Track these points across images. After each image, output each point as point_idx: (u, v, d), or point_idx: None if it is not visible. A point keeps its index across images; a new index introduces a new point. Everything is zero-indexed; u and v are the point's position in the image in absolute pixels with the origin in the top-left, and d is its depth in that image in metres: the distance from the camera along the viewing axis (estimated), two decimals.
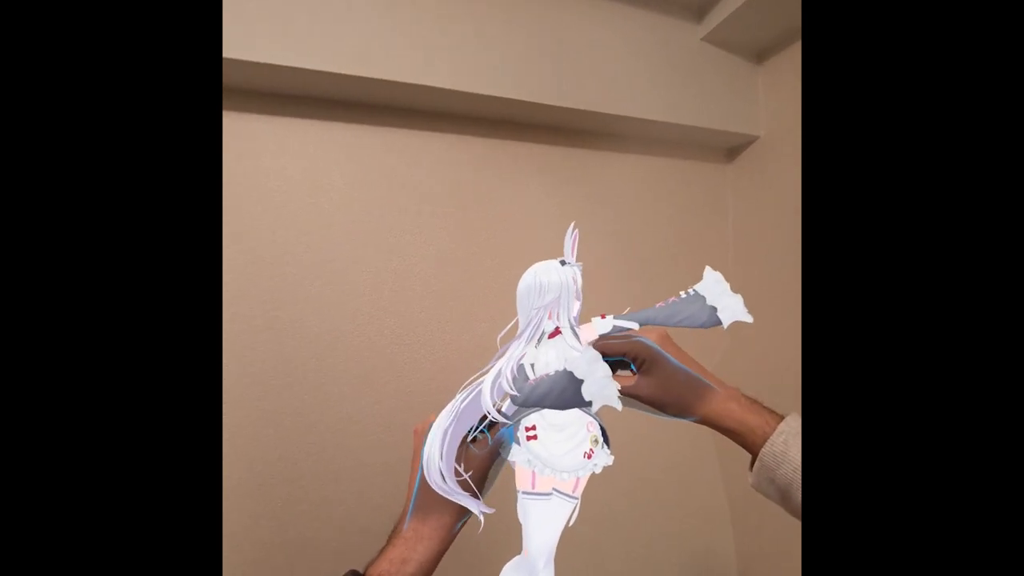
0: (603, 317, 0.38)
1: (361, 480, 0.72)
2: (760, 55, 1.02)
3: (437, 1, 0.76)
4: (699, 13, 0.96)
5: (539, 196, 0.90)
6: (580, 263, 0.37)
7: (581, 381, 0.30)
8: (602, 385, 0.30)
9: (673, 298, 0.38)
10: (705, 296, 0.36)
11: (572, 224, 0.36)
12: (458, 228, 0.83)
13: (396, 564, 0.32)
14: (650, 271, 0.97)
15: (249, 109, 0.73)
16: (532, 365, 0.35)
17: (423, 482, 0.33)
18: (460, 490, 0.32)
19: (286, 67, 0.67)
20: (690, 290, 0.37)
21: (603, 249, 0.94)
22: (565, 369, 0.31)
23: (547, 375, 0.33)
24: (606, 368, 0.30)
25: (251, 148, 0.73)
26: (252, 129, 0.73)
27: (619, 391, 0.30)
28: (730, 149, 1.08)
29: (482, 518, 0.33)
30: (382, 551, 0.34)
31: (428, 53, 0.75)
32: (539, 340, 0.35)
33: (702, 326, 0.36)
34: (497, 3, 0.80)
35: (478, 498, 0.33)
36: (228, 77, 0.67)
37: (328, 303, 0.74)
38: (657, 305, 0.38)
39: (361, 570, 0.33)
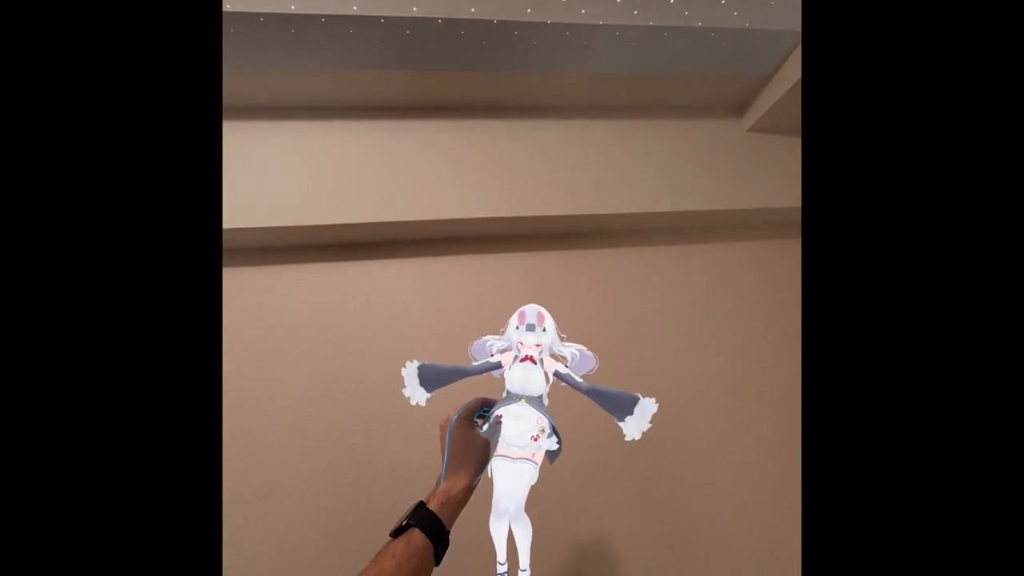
0: (565, 366, 0.54)
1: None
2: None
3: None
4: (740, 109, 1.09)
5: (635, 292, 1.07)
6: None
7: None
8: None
9: (615, 389, 0.52)
10: (635, 407, 0.50)
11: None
12: None
13: (445, 492, 0.49)
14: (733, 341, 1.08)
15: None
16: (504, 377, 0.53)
17: (451, 454, 0.50)
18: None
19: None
20: (635, 394, 0.51)
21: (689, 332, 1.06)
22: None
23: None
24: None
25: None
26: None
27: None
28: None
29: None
30: (434, 490, 0.49)
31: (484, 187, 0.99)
32: (514, 359, 0.53)
33: (615, 416, 0.51)
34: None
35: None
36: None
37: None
38: (608, 388, 0.52)
39: (425, 499, 0.49)
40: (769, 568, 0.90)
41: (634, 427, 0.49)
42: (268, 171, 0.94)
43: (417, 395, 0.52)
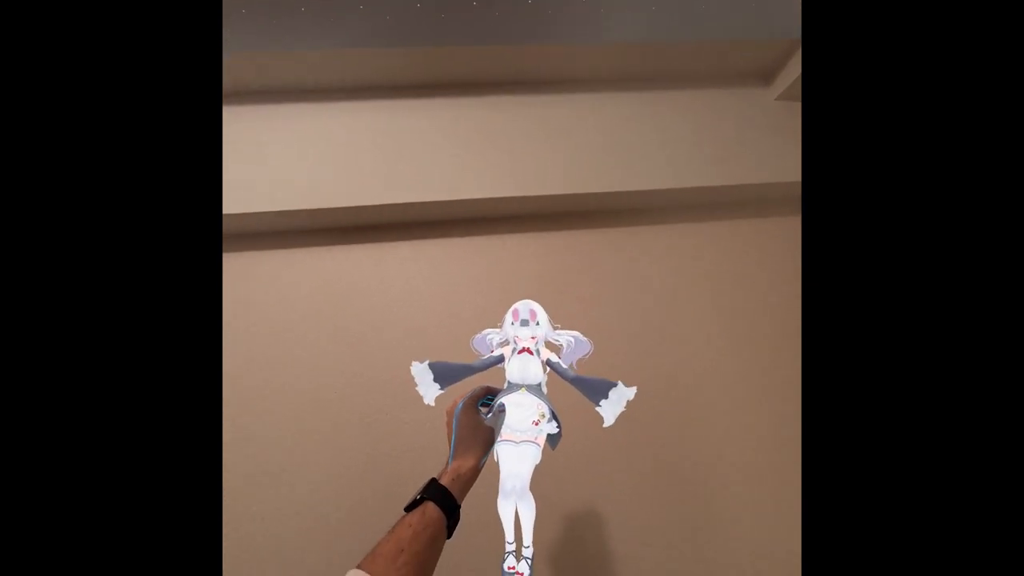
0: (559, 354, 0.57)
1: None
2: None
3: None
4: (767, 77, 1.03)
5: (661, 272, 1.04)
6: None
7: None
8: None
9: (594, 377, 0.54)
10: (611, 392, 0.52)
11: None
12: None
13: (455, 470, 0.53)
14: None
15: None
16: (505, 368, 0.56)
17: (458, 438, 0.54)
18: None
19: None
20: (616, 382, 0.53)
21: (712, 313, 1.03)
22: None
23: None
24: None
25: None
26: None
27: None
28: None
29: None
30: (444, 469, 0.53)
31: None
32: (512, 351, 0.56)
33: (593, 402, 0.53)
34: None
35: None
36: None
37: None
38: (590, 377, 0.55)
39: (436, 476, 0.53)
40: (770, 557, 0.89)
41: (609, 412, 0.52)
42: (278, 154, 0.94)
43: (431, 393, 0.54)
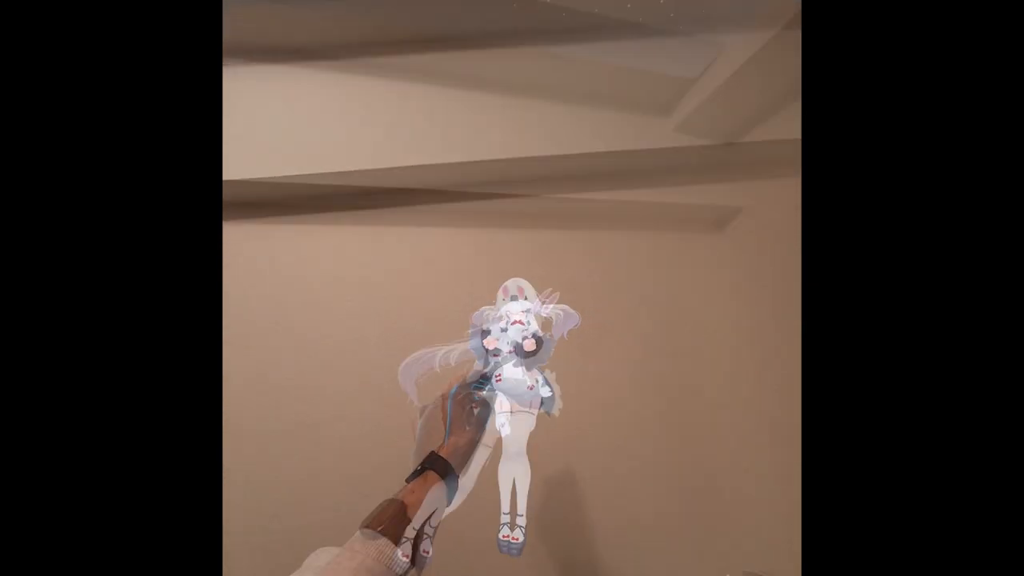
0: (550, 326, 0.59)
1: None
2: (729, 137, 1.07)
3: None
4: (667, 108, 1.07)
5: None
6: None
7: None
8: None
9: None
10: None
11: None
12: None
13: (453, 444, 0.56)
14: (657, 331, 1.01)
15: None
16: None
17: (453, 417, 0.57)
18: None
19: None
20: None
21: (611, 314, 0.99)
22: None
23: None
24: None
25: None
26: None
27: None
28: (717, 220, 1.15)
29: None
30: (442, 444, 0.57)
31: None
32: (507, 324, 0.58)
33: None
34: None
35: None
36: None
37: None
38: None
39: (435, 450, 0.56)
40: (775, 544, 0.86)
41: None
42: (281, 117, 0.87)
43: None
